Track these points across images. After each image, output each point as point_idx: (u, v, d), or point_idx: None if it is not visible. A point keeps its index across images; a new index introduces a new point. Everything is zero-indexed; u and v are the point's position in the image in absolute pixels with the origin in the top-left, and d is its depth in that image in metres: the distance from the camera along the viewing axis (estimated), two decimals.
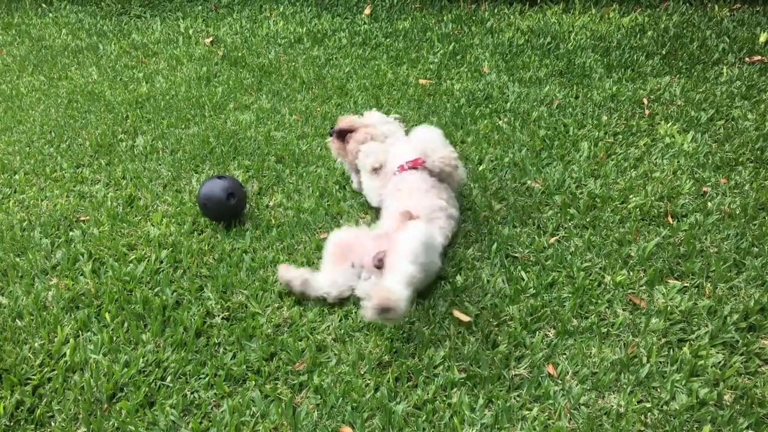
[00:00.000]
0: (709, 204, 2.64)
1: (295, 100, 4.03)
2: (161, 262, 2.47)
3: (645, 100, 3.68)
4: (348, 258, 2.28)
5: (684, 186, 2.77)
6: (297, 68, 4.62)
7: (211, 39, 5.45)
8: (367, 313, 1.85)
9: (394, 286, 1.89)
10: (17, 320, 2.19)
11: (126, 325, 2.15)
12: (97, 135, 3.64)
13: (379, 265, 2.17)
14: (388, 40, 5.14)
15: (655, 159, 3.04)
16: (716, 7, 5.22)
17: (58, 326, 2.13)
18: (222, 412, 1.81)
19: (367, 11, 5.90)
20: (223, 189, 2.56)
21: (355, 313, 2.16)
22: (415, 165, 2.52)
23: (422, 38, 5.12)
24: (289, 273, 2.23)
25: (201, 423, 1.79)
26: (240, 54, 5.01)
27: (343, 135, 2.81)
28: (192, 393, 1.89)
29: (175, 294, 2.29)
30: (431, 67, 4.48)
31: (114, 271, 2.41)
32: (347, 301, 2.22)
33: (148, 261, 2.46)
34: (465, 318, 2.08)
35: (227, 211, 2.61)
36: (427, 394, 1.83)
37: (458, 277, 2.29)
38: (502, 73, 4.27)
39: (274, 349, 2.02)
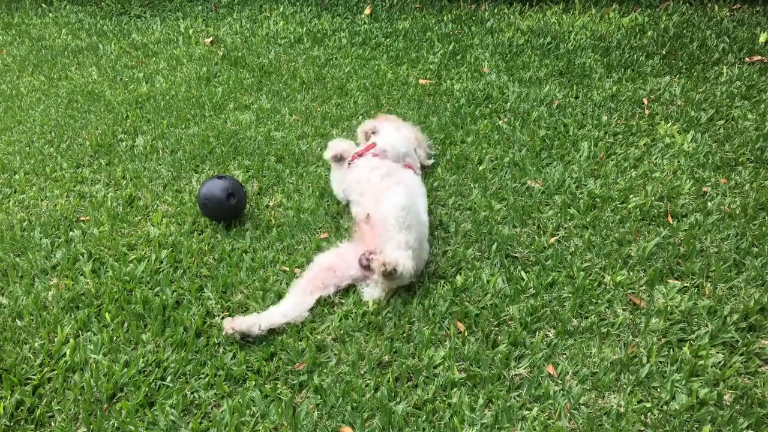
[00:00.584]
0: (709, 204, 2.64)
1: (295, 100, 4.03)
2: (161, 262, 2.47)
3: (645, 100, 3.68)
4: (329, 284, 2.25)
5: (684, 186, 2.77)
6: (297, 68, 4.61)
7: (211, 39, 5.45)
8: (378, 288, 2.15)
9: (390, 252, 2.10)
10: (17, 320, 2.19)
11: (126, 325, 2.15)
12: (97, 135, 3.64)
13: (367, 264, 2.21)
14: (388, 40, 5.14)
15: (655, 159, 3.04)
16: (716, 7, 5.22)
17: (58, 326, 2.13)
18: (222, 412, 1.81)
19: (367, 11, 5.90)
20: (223, 189, 2.56)
21: (355, 313, 2.16)
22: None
23: (422, 38, 5.12)
24: (240, 323, 2.04)
25: (201, 423, 1.79)
26: (240, 54, 5.01)
27: None
28: (192, 393, 1.89)
29: (175, 294, 2.29)
30: (431, 67, 4.48)
31: (114, 271, 2.41)
32: (347, 302, 2.22)
33: (148, 261, 2.46)
34: (462, 327, 2.08)
35: (227, 211, 2.61)
36: (427, 394, 1.83)
37: (458, 277, 2.29)
38: (502, 73, 4.27)
39: (274, 349, 2.02)
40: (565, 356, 1.95)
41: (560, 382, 1.86)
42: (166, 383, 1.92)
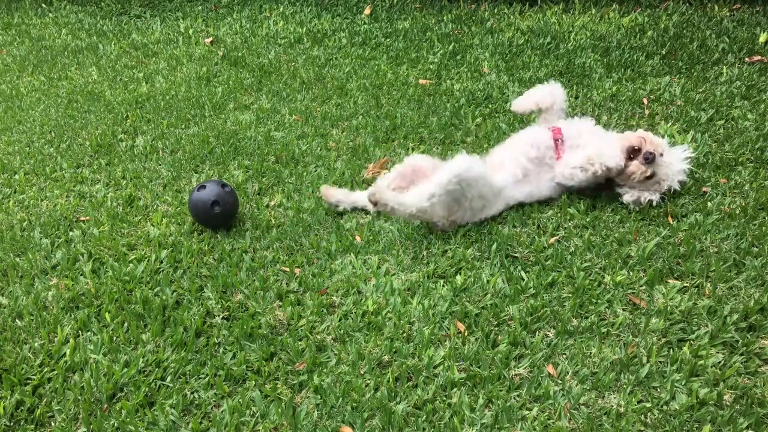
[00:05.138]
0: (709, 204, 2.64)
1: (295, 100, 4.03)
2: (161, 262, 2.47)
3: (645, 100, 3.68)
4: (411, 180, 2.65)
5: (684, 186, 2.77)
6: (297, 68, 4.62)
7: (211, 39, 5.45)
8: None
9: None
10: (17, 320, 2.19)
11: (126, 325, 2.15)
12: (97, 135, 3.64)
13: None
14: (388, 40, 5.14)
15: None
16: (716, 7, 5.22)
17: (58, 326, 2.13)
18: (222, 412, 1.81)
19: (367, 11, 5.90)
20: (206, 200, 2.54)
21: (355, 313, 2.16)
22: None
23: (422, 38, 5.12)
24: (334, 194, 2.70)
25: (201, 423, 1.79)
26: (240, 54, 5.01)
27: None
28: (192, 393, 1.89)
29: (175, 294, 2.29)
30: (431, 67, 4.48)
31: (114, 271, 2.41)
32: (347, 302, 2.22)
33: (148, 261, 2.46)
34: (462, 327, 2.09)
35: (214, 218, 2.59)
36: (427, 394, 1.83)
37: (458, 277, 2.29)
38: (502, 73, 4.27)
39: (274, 349, 2.02)
40: (565, 356, 1.95)
41: (560, 382, 1.86)
42: (166, 383, 1.92)
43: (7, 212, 2.89)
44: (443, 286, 2.26)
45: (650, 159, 2.54)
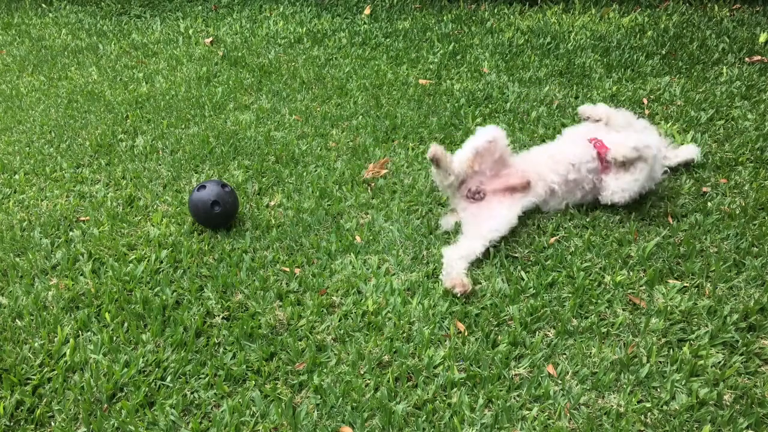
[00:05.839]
0: (709, 204, 2.64)
1: (295, 100, 4.03)
2: (161, 262, 2.47)
3: (645, 100, 3.68)
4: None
5: (684, 186, 2.77)
6: (297, 68, 4.62)
7: (211, 39, 5.45)
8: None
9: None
10: (17, 320, 2.19)
11: (126, 325, 2.15)
12: (97, 135, 3.64)
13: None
14: (388, 40, 5.14)
15: None
16: (716, 7, 5.22)
17: (58, 326, 2.13)
18: (222, 412, 1.81)
19: (367, 11, 5.90)
20: (206, 200, 2.54)
21: (355, 313, 2.16)
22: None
23: (422, 38, 5.12)
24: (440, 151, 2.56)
25: (201, 423, 1.79)
26: (240, 54, 5.01)
27: None
28: (192, 393, 1.89)
29: (175, 294, 2.29)
30: (431, 67, 4.48)
31: (114, 271, 2.41)
32: (347, 302, 2.22)
33: (148, 261, 2.46)
34: (462, 327, 2.09)
35: (214, 218, 2.59)
36: (427, 394, 1.83)
37: None
38: (502, 73, 4.27)
39: (274, 349, 2.02)
40: (565, 356, 1.95)
41: (560, 382, 1.86)
42: (166, 383, 1.92)
43: (7, 212, 2.89)
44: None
45: None
